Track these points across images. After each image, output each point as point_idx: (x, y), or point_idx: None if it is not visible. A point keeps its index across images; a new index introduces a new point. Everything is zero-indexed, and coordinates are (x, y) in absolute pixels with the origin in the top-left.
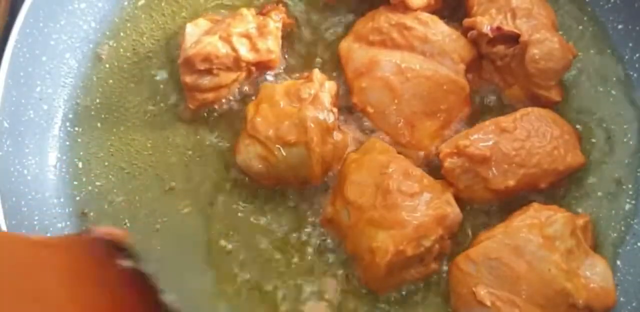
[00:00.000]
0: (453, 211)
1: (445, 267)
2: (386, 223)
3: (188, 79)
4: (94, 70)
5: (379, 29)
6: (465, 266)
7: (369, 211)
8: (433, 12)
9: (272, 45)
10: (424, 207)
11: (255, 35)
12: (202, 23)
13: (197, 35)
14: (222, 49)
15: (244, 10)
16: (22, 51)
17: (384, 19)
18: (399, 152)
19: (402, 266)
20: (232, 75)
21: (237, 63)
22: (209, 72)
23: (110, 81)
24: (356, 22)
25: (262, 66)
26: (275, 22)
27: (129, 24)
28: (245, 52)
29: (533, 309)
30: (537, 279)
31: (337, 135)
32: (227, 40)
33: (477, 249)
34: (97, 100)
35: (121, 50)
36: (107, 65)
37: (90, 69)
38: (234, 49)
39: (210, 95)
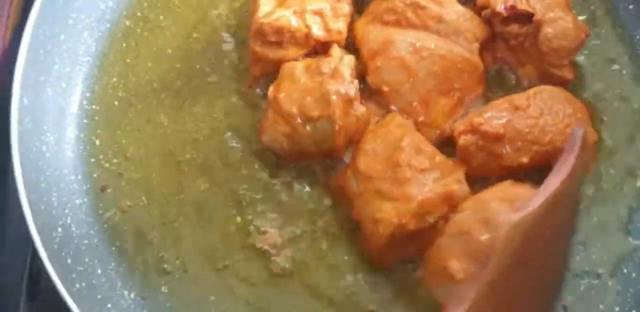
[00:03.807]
0: (461, 189)
1: None
2: (393, 195)
3: (258, 48)
4: (111, 50)
5: (393, 9)
6: (438, 240)
7: (378, 182)
8: None
9: (342, 26)
10: (432, 183)
11: (329, 16)
12: None
13: (270, 6)
14: (295, 23)
15: None
16: (41, 30)
17: None
18: None
19: (403, 239)
20: (300, 51)
21: (307, 40)
22: (278, 44)
23: (128, 60)
24: (371, 3)
25: (327, 46)
26: (348, 5)
27: (145, 4)
28: (316, 30)
29: None
30: None
31: (360, 107)
32: (301, 16)
33: (448, 224)
34: (114, 79)
35: (138, 30)
36: (124, 45)
37: (108, 48)
38: (306, 26)
39: (272, 66)
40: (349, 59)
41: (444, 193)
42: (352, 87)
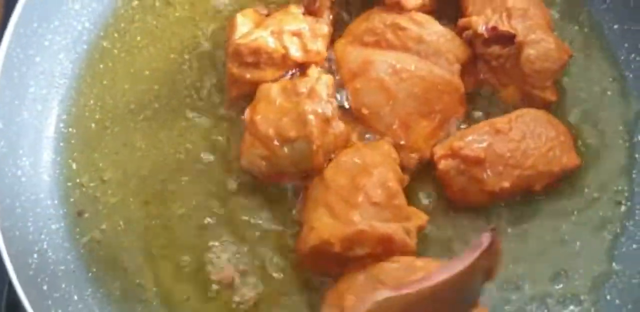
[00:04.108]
0: (404, 239)
1: None
2: (338, 213)
3: (235, 69)
4: (88, 71)
5: (373, 30)
6: (357, 275)
7: (332, 195)
8: (428, 13)
9: (321, 47)
10: (379, 220)
11: (307, 36)
12: (251, 14)
13: (248, 26)
14: (272, 44)
15: (294, 8)
16: (15, 51)
17: (378, 19)
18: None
19: (326, 257)
20: (277, 72)
21: (284, 61)
22: (255, 65)
23: (105, 82)
24: (350, 24)
25: (306, 67)
26: (327, 25)
27: (122, 25)
28: (294, 51)
29: None
30: None
31: (338, 126)
32: (278, 36)
33: (374, 265)
34: (91, 101)
35: (115, 51)
36: (101, 66)
37: (84, 70)
38: (284, 47)
39: (250, 87)
40: (327, 78)
41: (384, 234)
42: (329, 107)
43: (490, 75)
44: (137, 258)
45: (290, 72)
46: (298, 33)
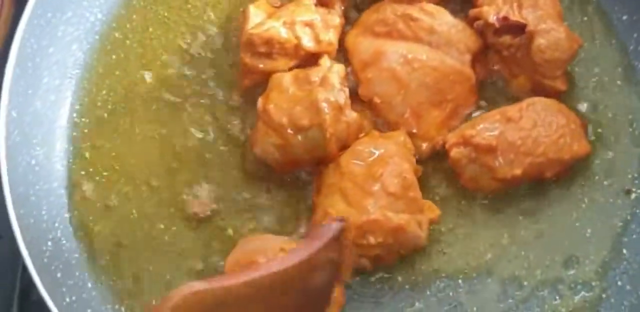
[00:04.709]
0: (414, 232)
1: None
2: (352, 200)
3: (248, 59)
4: (100, 62)
5: (384, 20)
6: None
7: (347, 182)
8: (438, 3)
9: (333, 38)
10: (391, 211)
11: (319, 27)
12: (264, 5)
13: (261, 17)
14: (285, 34)
15: (306, 0)
16: (29, 42)
17: (389, 10)
18: None
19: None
20: (290, 62)
21: (296, 51)
22: (268, 56)
23: (117, 72)
24: (362, 14)
25: (318, 57)
26: (339, 16)
27: (134, 16)
28: (306, 42)
29: None
30: None
31: (351, 114)
32: (291, 27)
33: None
34: (104, 91)
35: (127, 41)
36: (114, 57)
37: (97, 61)
38: (296, 37)
39: (262, 77)
40: (338, 67)
41: (397, 225)
42: (342, 95)
43: (501, 65)
44: (151, 246)
45: (302, 63)
46: (310, 24)
